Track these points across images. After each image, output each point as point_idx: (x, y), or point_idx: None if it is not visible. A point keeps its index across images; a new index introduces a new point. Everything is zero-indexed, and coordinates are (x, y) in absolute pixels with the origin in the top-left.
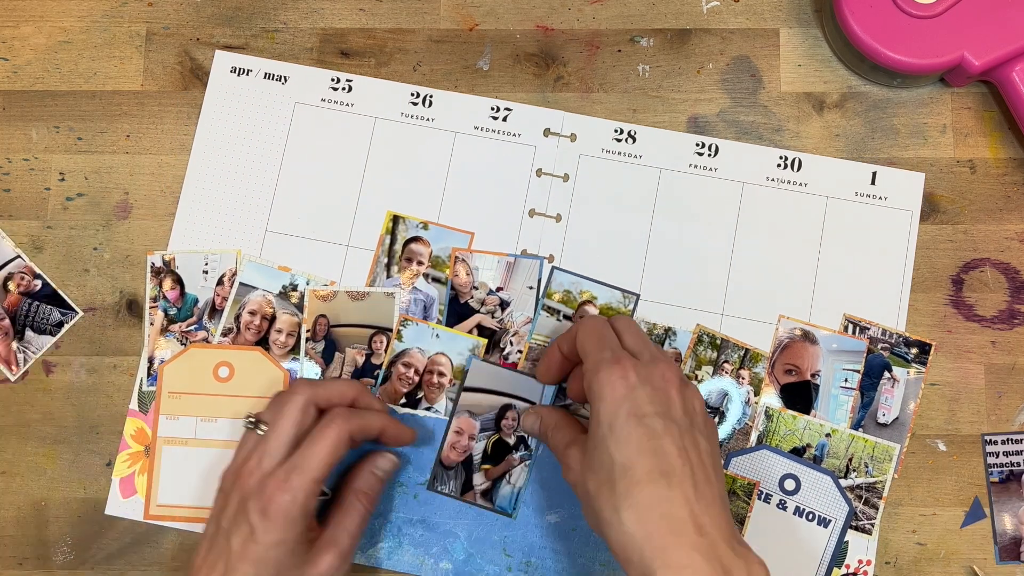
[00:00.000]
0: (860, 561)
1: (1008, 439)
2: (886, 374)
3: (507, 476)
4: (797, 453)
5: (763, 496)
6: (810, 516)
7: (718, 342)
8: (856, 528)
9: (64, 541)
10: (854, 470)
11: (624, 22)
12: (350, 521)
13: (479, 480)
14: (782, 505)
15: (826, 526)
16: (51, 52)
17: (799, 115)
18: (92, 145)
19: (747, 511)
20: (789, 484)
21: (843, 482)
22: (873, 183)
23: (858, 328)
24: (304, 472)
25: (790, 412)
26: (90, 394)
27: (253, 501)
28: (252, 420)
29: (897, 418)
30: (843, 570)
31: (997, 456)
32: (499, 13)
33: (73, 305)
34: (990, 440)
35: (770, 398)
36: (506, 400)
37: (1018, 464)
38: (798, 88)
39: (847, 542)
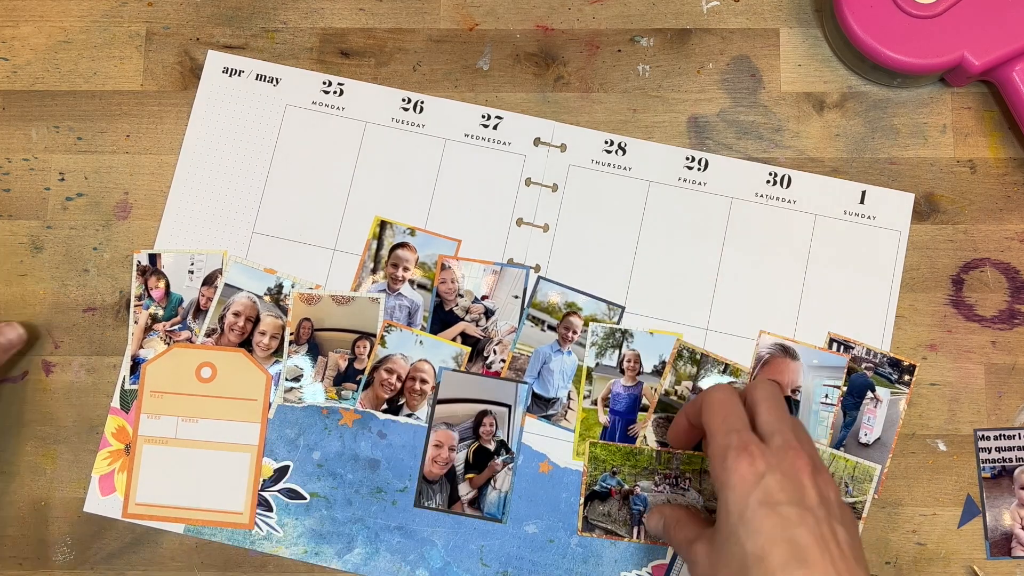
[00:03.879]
0: None
1: (1000, 435)
2: (869, 394)
3: (492, 482)
4: None
5: None
6: None
7: (698, 357)
8: None
9: (64, 541)
10: None
11: (624, 22)
12: None
13: (465, 490)
14: None
15: None
16: (51, 52)
17: (799, 115)
18: (92, 145)
19: None
20: None
21: None
22: (862, 202)
23: (842, 347)
24: None
25: None
26: (90, 394)
27: None
28: None
29: (879, 438)
30: None
31: (989, 452)
32: (499, 13)
33: None
34: (983, 436)
35: None
36: (481, 407)
37: (1010, 460)
38: (798, 88)
39: None
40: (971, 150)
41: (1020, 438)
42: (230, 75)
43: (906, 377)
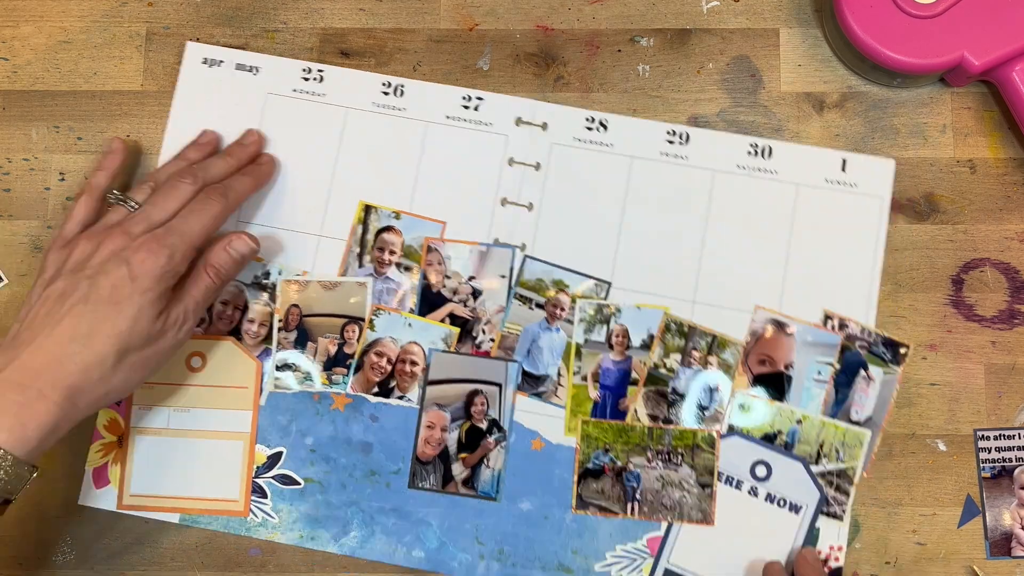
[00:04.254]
0: (831, 547)
1: (1000, 435)
2: (861, 372)
3: (485, 460)
4: (768, 440)
5: (734, 483)
6: (781, 502)
7: (685, 330)
8: (827, 514)
9: (64, 541)
10: (825, 456)
11: (624, 22)
12: (197, 290)
13: (458, 470)
14: (753, 492)
15: (797, 512)
16: (51, 52)
17: (799, 115)
18: (92, 145)
19: (713, 460)
20: (760, 471)
21: (814, 468)
22: (843, 170)
23: (837, 324)
24: (183, 235)
25: (762, 400)
26: None
27: (130, 251)
28: (117, 195)
29: (871, 417)
30: None
31: (989, 452)
32: (499, 13)
33: None
34: (983, 436)
35: (742, 392)
36: (472, 386)
37: (1010, 460)
38: (798, 88)
39: (818, 528)
40: (971, 150)
41: (1020, 438)
42: (209, 65)
43: (901, 351)
